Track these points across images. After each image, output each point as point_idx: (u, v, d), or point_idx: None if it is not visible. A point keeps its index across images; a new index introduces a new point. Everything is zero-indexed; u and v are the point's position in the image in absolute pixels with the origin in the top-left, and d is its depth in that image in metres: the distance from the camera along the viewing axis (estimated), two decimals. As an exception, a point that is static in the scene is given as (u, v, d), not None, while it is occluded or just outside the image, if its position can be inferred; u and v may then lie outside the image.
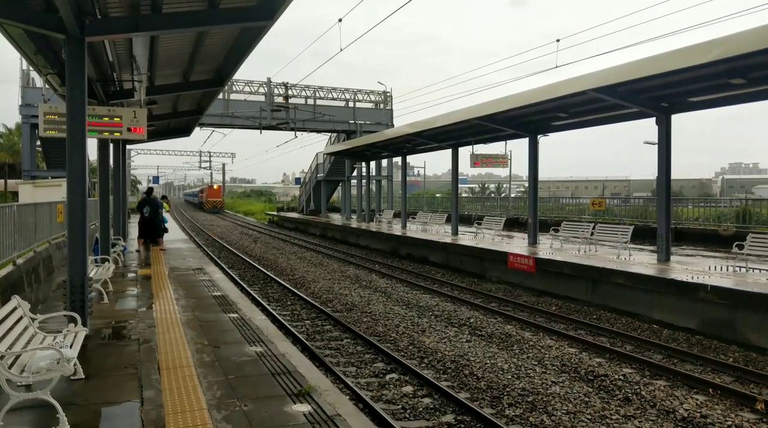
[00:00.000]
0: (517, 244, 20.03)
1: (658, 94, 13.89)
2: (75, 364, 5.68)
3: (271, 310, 13.03)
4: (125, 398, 5.72)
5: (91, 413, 5.32)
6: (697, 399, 7.55)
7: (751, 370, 8.57)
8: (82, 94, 7.74)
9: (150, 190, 22.04)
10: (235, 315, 9.75)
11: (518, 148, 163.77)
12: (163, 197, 25.20)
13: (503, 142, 22.54)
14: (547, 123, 18.95)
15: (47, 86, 14.77)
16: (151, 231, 20.56)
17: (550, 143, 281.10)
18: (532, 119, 18.61)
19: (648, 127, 67.93)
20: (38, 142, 31.80)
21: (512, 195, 52.36)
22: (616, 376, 8.42)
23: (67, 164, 7.77)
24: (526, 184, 34.41)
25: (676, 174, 15.74)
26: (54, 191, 23.91)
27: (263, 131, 37.19)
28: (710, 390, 7.82)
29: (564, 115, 17.26)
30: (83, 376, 6.22)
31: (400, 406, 7.40)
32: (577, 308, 13.32)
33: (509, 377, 8.46)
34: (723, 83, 12.22)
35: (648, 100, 14.19)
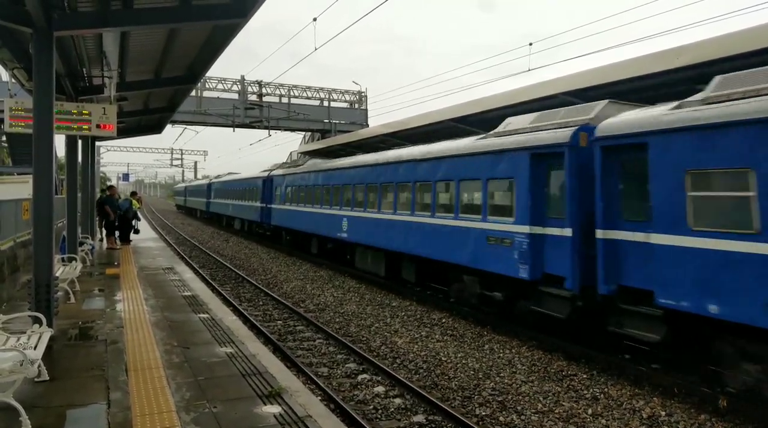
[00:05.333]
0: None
1: (628, 98, 14.16)
2: (39, 366, 5.56)
3: (242, 310, 12.91)
4: (91, 400, 5.61)
5: (56, 416, 5.21)
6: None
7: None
8: (49, 90, 7.57)
9: (109, 187, 21.58)
10: (206, 315, 9.64)
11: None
12: (133, 193, 24.72)
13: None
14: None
15: (13, 80, 14.39)
16: (123, 229, 20.27)
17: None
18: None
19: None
20: (3, 138, 30.96)
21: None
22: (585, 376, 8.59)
23: (33, 160, 7.59)
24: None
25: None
26: (20, 188, 23.28)
27: (236, 129, 36.87)
28: (675, 389, 8.01)
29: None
30: (48, 378, 6.09)
31: (371, 406, 7.42)
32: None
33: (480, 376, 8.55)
34: (690, 89, 12.53)
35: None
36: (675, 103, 8.19)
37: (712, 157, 7.21)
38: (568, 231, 9.49)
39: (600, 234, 8.82)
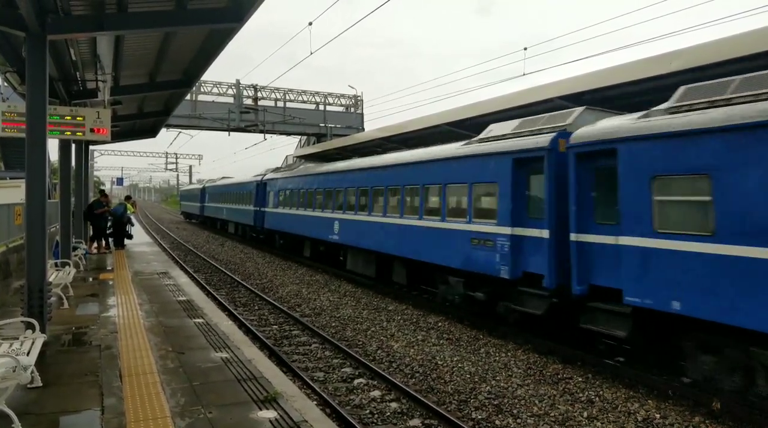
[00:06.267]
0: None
1: (622, 103, 14.23)
2: (32, 372, 5.52)
3: (238, 315, 12.86)
4: (85, 406, 5.57)
5: (49, 422, 5.16)
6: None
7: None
8: (42, 94, 7.53)
9: (100, 192, 21.50)
10: (201, 320, 9.60)
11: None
12: (128, 197, 24.61)
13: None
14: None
15: (6, 84, 14.33)
16: (118, 234, 20.19)
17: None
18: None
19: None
20: (-4, 142, 30.81)
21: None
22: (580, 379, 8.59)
23: (26, 165, 7.55)
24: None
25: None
26: (12, 192, 23.16)
27: (232, 133, 36.80)
28: (669, 391, 8.03)
29: (531, 121, 17.54)
30: (41, 384, 6.04)
31: (368, 411, 7.40)
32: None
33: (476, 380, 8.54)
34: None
35: (612, 109, 14.52)
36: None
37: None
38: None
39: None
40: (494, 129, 12.26)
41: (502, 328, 11.28)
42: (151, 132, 25.69)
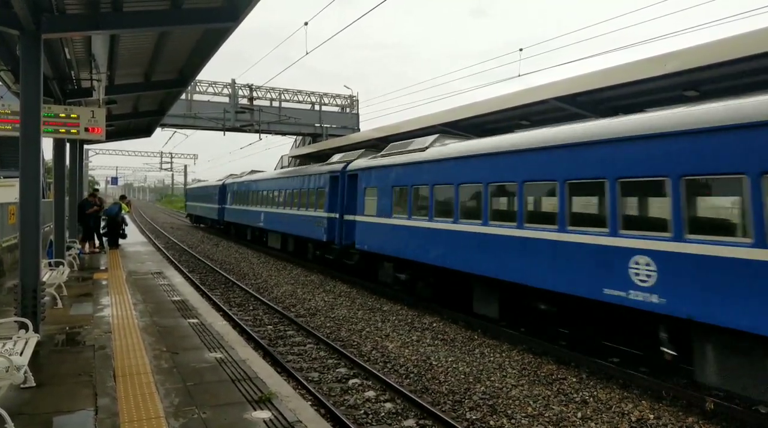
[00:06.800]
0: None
1: (617, 104, 14.31)
2: (25, 372, 5.49)
3: (232, 315, 12.84)
4: (79, 406, 5.55)
5: (42, 423, 5.15)
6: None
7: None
8: (37, 93, 7.50)
9: (91, 192, 21.37)
10: (195, 320, 9.58)
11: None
12: (122, 197, 24.51)
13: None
14: (510, 130, 19.25)
15: (0, 83, 14.27)
16: (112, 233, 20.10)
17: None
18: (496, 126, 18.89)
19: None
20: (-11, 140, 30.63)
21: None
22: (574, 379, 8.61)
23: (20, 164, 7.52)
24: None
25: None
26: (6, 191, 23.06)
27: (227, 133, 36.71)
28: (663, 392, 8.07)
29: (526, 122, 17.59)
30: (34, 384, 6.02)
31: (362, 411, 7.40)
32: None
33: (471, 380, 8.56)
34: (677, 95, 12.68)
35: (607, 110, 14.59)
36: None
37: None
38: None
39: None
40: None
41: (496, 329, 11.30)
42: (146, 131, 25.61)
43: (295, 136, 43.27)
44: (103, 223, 20.53)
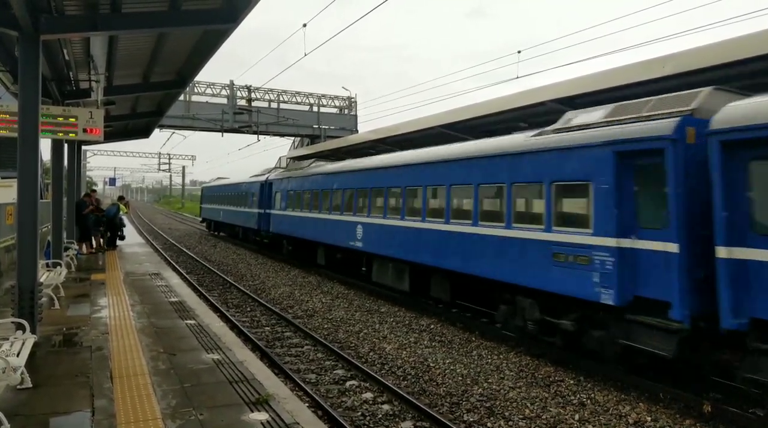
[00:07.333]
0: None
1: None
2: (22, 373, 5.49)
3: (230, 317, 12.83)
4: (75, 408, 5.54)
5: (39, 424, 5.14)
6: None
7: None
8: (35, 93, 7.50)
9: (88, 193, 21.34)
10: (193, 321, 9.57)
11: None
12: (120, 198, 24.50)
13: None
14: (508, 132, 19.27)
15: (-2, 83, 14.27)
16: (110, 234, 20.08)
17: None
18: (494, 128, 18.90)
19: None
20: (-13, 141, 30.56)
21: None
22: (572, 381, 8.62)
23: (18, 165, 7.51)
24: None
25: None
26: (4, 192, 23.03)
27: (225, 134, 36.69)
28: (660, 394, 8.07)
29: (524, 124, 17.60)
30: (31, 385, 6.00)
31: (359, 413, 7.39)
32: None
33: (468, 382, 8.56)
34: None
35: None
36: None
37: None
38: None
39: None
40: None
41: (494, 331, 11.30)
42: (145, 132, 25.60)
43: (293, 138, 43.26)
44: (99, 224, 20.50)
